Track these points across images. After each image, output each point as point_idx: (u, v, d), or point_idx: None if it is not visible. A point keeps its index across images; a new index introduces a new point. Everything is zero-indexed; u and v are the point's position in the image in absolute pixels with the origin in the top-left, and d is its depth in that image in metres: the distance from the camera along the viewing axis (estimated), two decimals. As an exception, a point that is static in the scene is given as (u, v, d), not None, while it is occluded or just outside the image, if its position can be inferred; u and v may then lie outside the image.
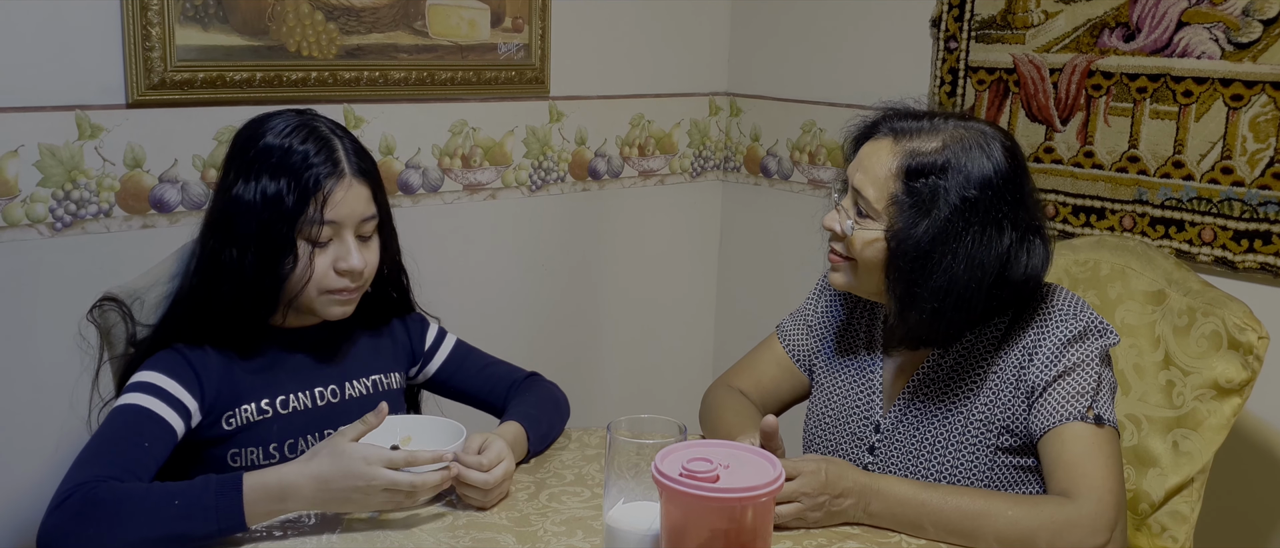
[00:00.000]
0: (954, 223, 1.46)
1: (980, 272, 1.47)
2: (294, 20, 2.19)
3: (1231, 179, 2.07)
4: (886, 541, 1.45)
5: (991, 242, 1.47)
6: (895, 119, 1.55)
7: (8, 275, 1.97)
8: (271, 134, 1.52)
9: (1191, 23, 2.09)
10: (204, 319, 1.53)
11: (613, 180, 2.79)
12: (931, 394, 1.59)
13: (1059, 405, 1.48)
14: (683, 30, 2.84)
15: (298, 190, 1.48)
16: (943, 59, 2.47)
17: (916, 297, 1.49)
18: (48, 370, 2.00)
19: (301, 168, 1.49)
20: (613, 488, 1.33)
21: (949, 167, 1.47)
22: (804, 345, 1.78)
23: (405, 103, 2.38)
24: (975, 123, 1.53)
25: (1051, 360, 1.49)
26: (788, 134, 2.84)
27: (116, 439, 1.43)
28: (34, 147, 1.96)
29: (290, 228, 1.49)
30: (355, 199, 1.52)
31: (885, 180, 1.50)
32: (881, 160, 1.51)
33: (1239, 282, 2.06)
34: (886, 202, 1.49)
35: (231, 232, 1.50)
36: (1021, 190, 1.50)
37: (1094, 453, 1.45)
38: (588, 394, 2.80)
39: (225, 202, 1.52)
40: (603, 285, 2.84)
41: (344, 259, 1.52)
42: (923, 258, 1.47)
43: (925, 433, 1.58)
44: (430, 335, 1.77)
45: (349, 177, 1.52)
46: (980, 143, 1.49)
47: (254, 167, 1.50)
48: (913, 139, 1.50)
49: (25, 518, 2.04)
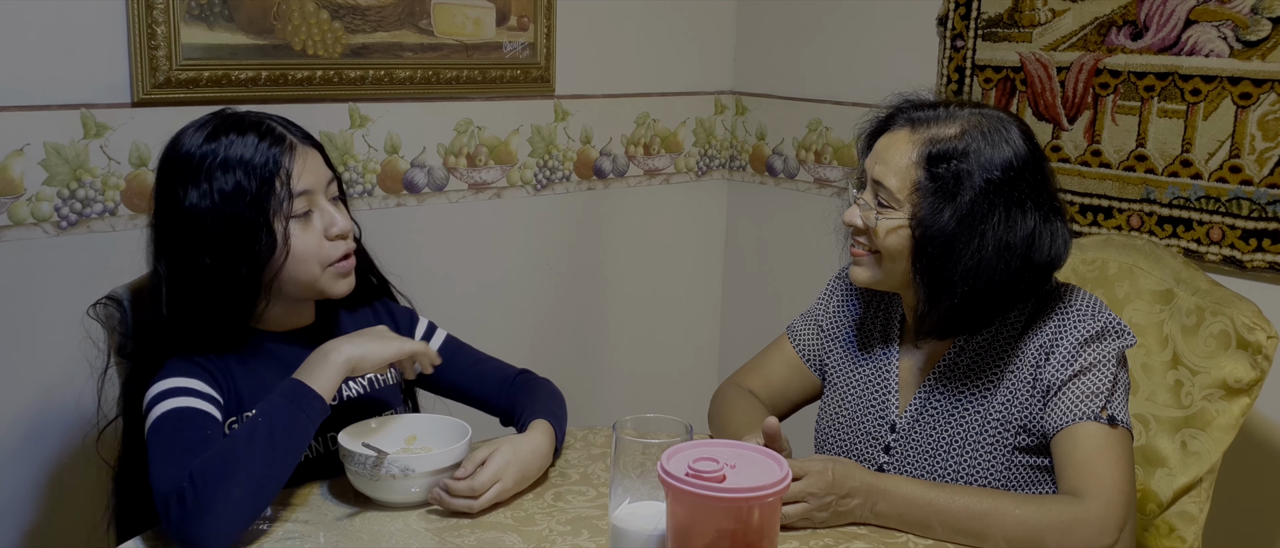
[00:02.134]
0: (979, 206, 1.47)
1: (1008, 253, 1.48)
2: (299, 19, 2.19)
3: (1240, 178, 2.06)
4: (893, 541, 1.44)
5: (1017, 223, 1.48)
6: (910, 110, 1.56)
7: (13, 274, 1.96)
8: (201, 141, 1.51)
9: (1200, 21, 2.08)
10: (188, 332, 1.51)
11: (618, 179, 2.78)
12: (948, 394, 1.58)
13: (1073, 405, 1.48)
14: (688, 29, 2.83)
15: (258, 175, 1.48)
16: (949, 57, 2.46)
17: (946, 282, 1.49)
18: (53, 370, 2.00)
19: (252, 155, 1.49)
20: (618, 488, 1.32)
21: (970, 151, 1.48)
22: (814, 346, 1.78)
23: (410, 101, 2.38)
24: (990, 110, 1.55)
25: (1068, 359, 1.49)
26: (794, 133, 2.83)
27: (178, 437, 1.43)
28: (39, 145, 1.96)
29: (261, 212, 1.48)
30: (315, 164, 1.55)
31: (907, 169, 1.50)
32: (901, 150, 1.52)
33: (1247, 281, 2.05)
34: (909, 189, 1.50)
35: (196, 238, 1.49)
36: (1042, 172, 1.52)
37: (1105, 453, 1.44)
38: (593, 393, 2.80)
39: (180, 216, 1.50)
40: (608, 284, 2.84)
41: (332, 225, 1.54)
42: (949, 243, 1.47)
43: (942, 433, 1.58)
44: (420, 330, 1.76)
45: (299, 146, 1.53)
46: (998, 127, 1.50)
47: (198, 174, 1.49)
48: (931, 127, 1.52)
49: (30, 517, 2.04)
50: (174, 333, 1.51)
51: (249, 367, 1.55)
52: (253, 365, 1.56)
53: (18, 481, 2.02)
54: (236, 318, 1.54)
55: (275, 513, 1.47)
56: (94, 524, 1.68)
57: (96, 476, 1.71)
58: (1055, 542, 1.39)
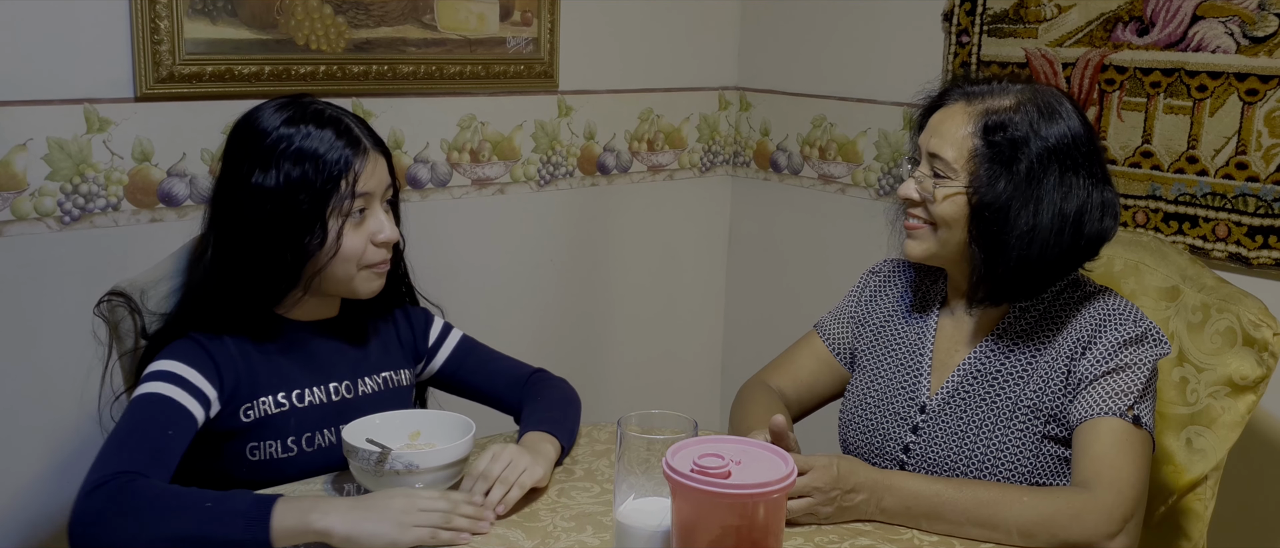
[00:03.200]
0: (1034, 173, 1.50)
1: (1062, 220, 1.51)
2: (303, 14, 2.19)
3: (1246, 174, 2.05)
4: (899, 537, 1.44)
5: (1072, 191, 1.51)
6: (966, 84, 1.60)
7: (15, 269, 1.96)
8: (279, 123, 1.53)
9: (1206, 16, 2.07)
10: (221, 306, 1.54)
11: (621, 175, 2.78)
12: (981, 379, 1.60)
13: (1101, 399, 1.50)
14: (692, 24, 2.83)
15: (327, 172, 1.51)
16: (954, 53, 2.46)
17: (1002, 246, 1.51)
18: (55, 365, 2.00)
19: (326, 150, 1.51)
20: (623, 484, 1.32)
21: (1026, 121, 1.52)
22: (845, 338, 1.80)
23: (414, 97, 2.37)
24: (1042, 86, 1.59)
25: (1104, 357, 1.52)
26: (798, 129, 2.83)
27: (141, 428, 1.44)
28: (42, 140, 1.96)
29: (321, 207, 1.51)
30: (381, 171, 1.57)
31: (964, 139, 1.54)
32: (958, 122, 1.55)
33: (1253, 278, 2.05)
34: (966, 158, 1.53)
35: (253, 217, 1.51)
36: (1094, 146, 1.55)
37: (1123, 449, 1.47)
38: (596, 389, 2.80)
39: (242, 192, 1.52)
40: (611, 281, 2.83)
41: (380, 232, 1.56)
42: (1005, 208, 1.50)
43: (972, 416, 1.59)
44: (435, 331, 1.76)
45: (371, 151, 1.55)
46: (1052, 101, 1.54)
47: (269, 156, 1.51)
48: (986, 100, 1.55)
49: (33, 511, 2.04)
50: (205, 304, 1.54)
51: (266, 351, 1.57)
52: (269, 350, 1.57)
53: (21, 474, 2.02)
54: (267, 302, 1.56)
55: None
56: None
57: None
58: (1063, 527, 1.41)
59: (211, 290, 1.54)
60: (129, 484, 1.35)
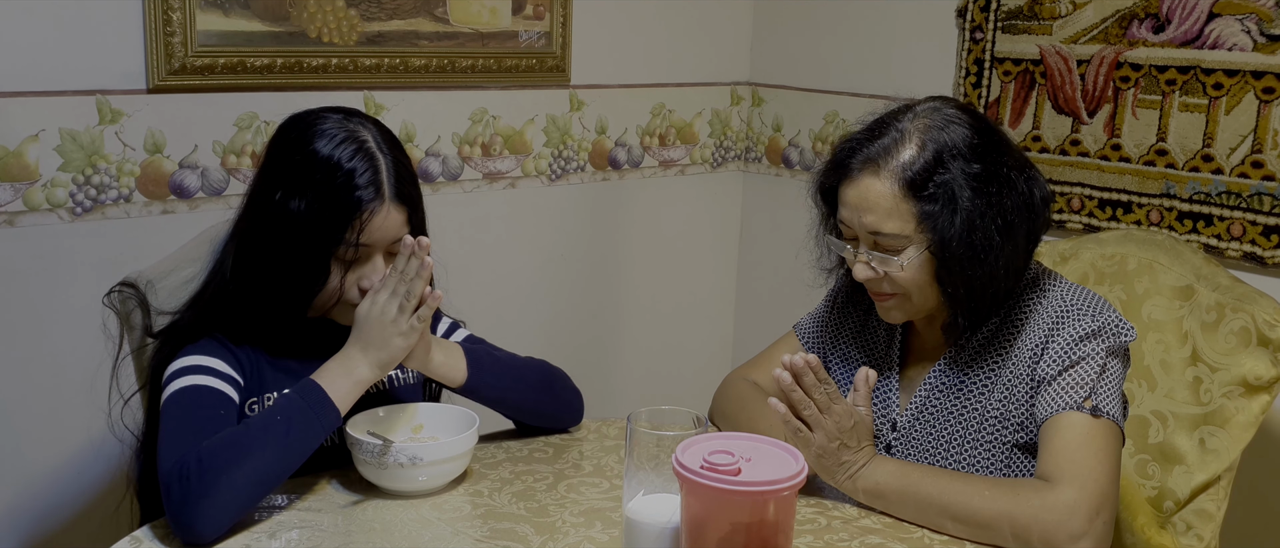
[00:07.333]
0: (978, 199, 1.47)
1: (1016, 215, 1.49)
2: (315, 6, 2.18)
3: (1262, 173, 2.04)
4: (909, 536, 1.44)
5: (1011, 191, 1.49)
6: (858, 152, 1.52)
7: (28, 260, 1.97)
8: (322, 141, 1.50)
9: (1223, 14, 2.06)
10: (242, 317, 1.54)
11: (633, 170, 2.77)
12: (948, 391, 1.58)
13: (1058, 396, 1.48)
14: (704, 19, 2.82)
15: (339, 211, 1.48)
16: (968, 50, 2.44)
17: (984, 276, 1.49)
18: (67, 356, 2.00)
19: (346, 188, 1.48)
20: (632, 480, 1.32)
21: (939, 155, 1.47)
22: (820, 343, 1.78)
23: (425, 90, 2.37)
24: (917, 107, 1.53)
25: (1061, 355, 1.49)
26: (810, 125, 2.82)
27: (190, 417, 1.44)
28: (55, 131, 1.96)
29: (327, 252, 1.49)
30: (392, 224, 1.51)
31: (896, 207, 1.48)
32: (880, 193, 1.49)
33: (1268, 278, 2.03)
34: (913, 224, 1.48)
35: (271, 242, 1.50)
36: (994, 129, 1.53)
37: (1085, 442, 1.44)
38: (606, 385, 2.79)
39: (269, 209, 1.51)
40: (622, 276, 2.83)
41: (367, 279, 1.52)
42: (967, 241, 1.47)
43: (943, 430, 1.57)
44: (441, 329, 1.76)
45: (388, 202, 1.50)
46: (944, 120, 1.50)
47: (300, 176, 1.49)
48: (890, 157, 1.49)
49: (46, 500, 2.04)
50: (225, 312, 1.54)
51: (277, 346, 1.57)
52: (276, 347, 1.57)
53: (35, 464, 2.02)
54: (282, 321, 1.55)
55: (287, 502, 1.47)
56: (111, 508, 1.68)
57: (113, 458, 1.71)
58: (1023, 523, 1.38)
59: (232, 302, 1.54)
60: (197, 452, 1.35)
